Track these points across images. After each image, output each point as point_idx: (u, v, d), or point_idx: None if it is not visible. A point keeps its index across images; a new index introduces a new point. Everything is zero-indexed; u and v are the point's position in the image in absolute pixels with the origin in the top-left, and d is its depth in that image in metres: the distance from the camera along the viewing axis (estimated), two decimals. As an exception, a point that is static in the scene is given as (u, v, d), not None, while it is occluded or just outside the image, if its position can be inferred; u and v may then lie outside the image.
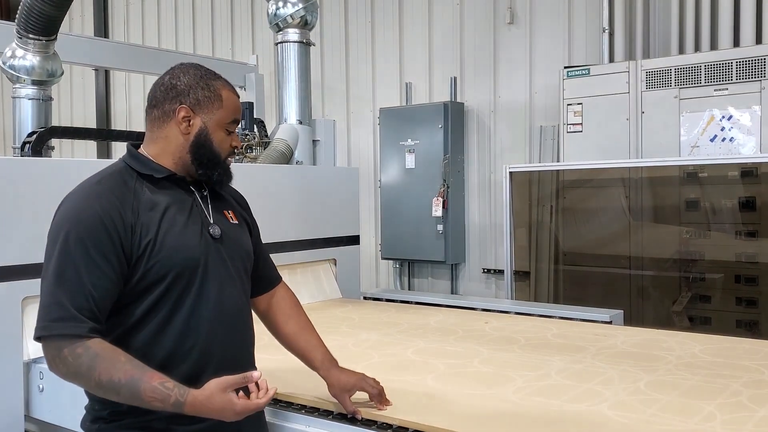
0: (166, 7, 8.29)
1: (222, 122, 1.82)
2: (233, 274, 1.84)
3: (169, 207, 1.76)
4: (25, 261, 2.75)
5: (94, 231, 1.63)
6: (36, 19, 4.00)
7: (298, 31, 4.24)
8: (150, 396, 1.55)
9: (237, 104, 1.87)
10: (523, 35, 5.72)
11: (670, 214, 4.79)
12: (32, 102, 4.37)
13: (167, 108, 1.80)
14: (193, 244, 1.75)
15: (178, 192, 1.81)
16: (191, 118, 1.79)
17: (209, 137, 1.81)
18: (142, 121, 7.09)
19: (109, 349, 1.59)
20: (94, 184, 1.75)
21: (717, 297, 4.60)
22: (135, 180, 1.77)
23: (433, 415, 1.96)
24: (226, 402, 1.56)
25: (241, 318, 1.88)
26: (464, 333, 3.10)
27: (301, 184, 4.01)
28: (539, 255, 5.35)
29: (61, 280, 1.60)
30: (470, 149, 6.02)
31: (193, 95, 1.79)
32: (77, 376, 1.60)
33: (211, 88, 1.81)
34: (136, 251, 1.67)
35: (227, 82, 1.88)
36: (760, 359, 2.54)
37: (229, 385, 1.57)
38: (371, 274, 6.58)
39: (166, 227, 1.72)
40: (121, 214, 1.67)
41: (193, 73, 1.82)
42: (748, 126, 4.42)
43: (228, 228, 1.88)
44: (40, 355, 2.77)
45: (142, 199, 1.73)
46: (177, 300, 1.72)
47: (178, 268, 1.71)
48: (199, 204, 1.84)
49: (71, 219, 1.66)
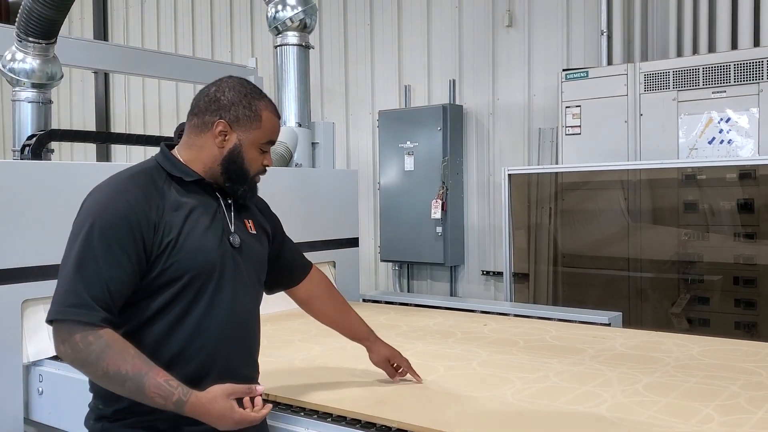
0: (166, 10, 8.30)
1: (257, 142, 1.86)
2: (247, 283, 1.88)
3: (194, 210, 1.79)
4: (25, 264, 2.76)
5: (117, 226, 1.67)
6: (36, 23, 4.00)
7: (297, 34, 4.25)
8: (154, 392, 1.57)
9: (276, 126, 1.90)
10: (521, 38, 5.73)
11: (669, 216, 4.79)
12: (32, 105, 4.38)
13: (207, 119, 1.84)
14: (212, 249, 1.79)
15: (205, 197, 1.85)
16: (228, 134, 1.84)
17: (242, 155, 1.85)
18: (141, 124, 7.11)
19: (119, 341, 1.63)
20: (123, 179, 1.78)
21: (715, 299, 4.60)
22: (164, 180, 1.81)
23: (432, 417, 1.97)
24: (227, 408, 1.58)
25: (251, 326, 1.91)
26: (463, 335, 3.11)
27: (301, 186, 4.01)
28: (538, 257, 5.35)
29: (80, 269, 1.64)
30: (469, 151, 6.03)
31: (233, 112, 1.83)
32: (85, 364, 1.62)
33: (252, 108, 1.85)
34: (157, 249, 1.71)
35: (271, 102, 1.91)
36: (758, 361, 2.55)
37: (234, 392, 1.60)
38: (370, 277, 6.58)
39: (188, 229, 1.76)
40: (146, 211, 1.71)
41: (239, 90, 1.86)
42: (746, 128, 4.43)
43: (246, 238, 1.91)
44: (40, 357, 2.79)
45: (169, 198, 1.77)
46: (191, 301, 1.75)
47: (195, 270, 1.74)
48: (222, 211, 1.88)
49: (97, 212, 1.69)
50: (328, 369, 2.54)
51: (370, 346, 2.29)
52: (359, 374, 2.41)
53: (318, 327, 2.34)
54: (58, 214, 2.84)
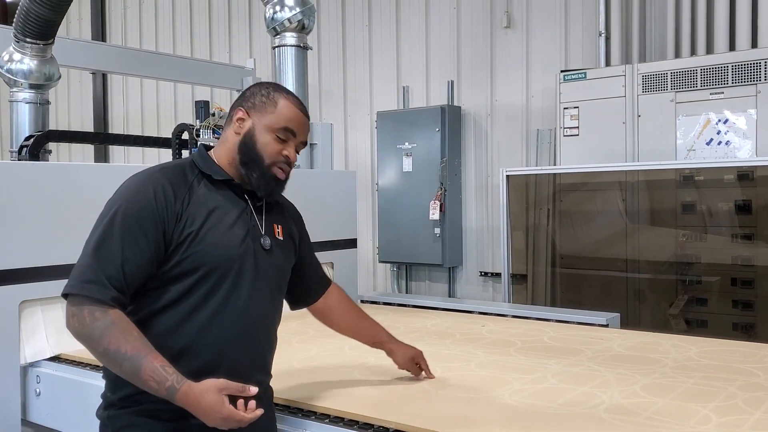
0: (164, 11, 8.29)
1: (271, 126, 1.86)
2: (266, 286, 1.89)
3: (219, 207, 1.83)
4: (23, 265, 2.76)
5: (140, 211, 1.72)
6: (33, 23, 4.00)
7: (295, 35, 4.25)
8: (149, 375, 1.59)
9: (293, 114, 1.89)
10: (519, 39, 5.73)
11: (667, 217, 4.80)
12: (29, 106, 4.38)
13: (232, 113, 1.91)
14: (233, 246, 1.80)
15: (233, 197, 1.88)
16: (244, 120, 1.88)
17: (254, 137, 1.87)
18: (139, 125, 7.11)
19: (124, 321, 1.66)
20: (156, 170, 1.84)
21: (713, 300, 4.60)
22: (195, 175, 1.85)
23: (430, 418, 1.97)
24: (217, 402, 1.58)
25: (265, 329, 1.91)
26: (461, 336, 3.11)
27: (299, 187, 3.97)
28: (536, 258, 5.36)
29: (100, 248, 1.69)
30: (467, 152, 6.03)
31: (251, 99, 1.90)
32: (88, 339, 1.65)
33: (269, 96, 1.89)
34: (177, 238, 1.74)
35: (295, 98, 1.93)
36: (756, 362, 2.55)
37: (226, 388, 1.61)
38: (369, 278, 6.58)
39: (211, 224, 1.79)
40: (171, 200, 1.75)
41: (266, 85, 1.93)
42: (743, 129, 4.44)
43: (273, 243, 1.92)
44: (37, 359, 2.79)
45: (197, 193, 1.82)
46: (206, 295, 1.77)
47: (212, 264, 1.76)
48: (250, 212, 1.89)
49: (125, 197, 1.76)
50: (326, 370, 2.53)
51: (392, 348, 2.33)
52: (357, 375, 2.41)
53: (316, 328, 2.35)
54: (55, 215, 2.84)
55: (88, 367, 2.67)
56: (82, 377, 2.63)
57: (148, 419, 1.74)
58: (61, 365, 2.77)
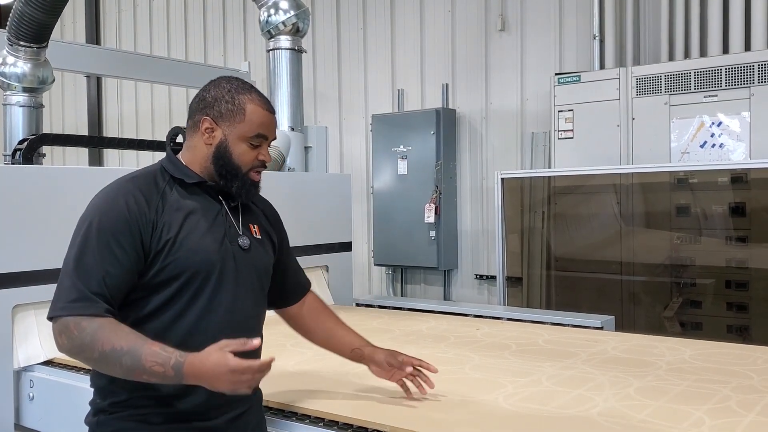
0: (158, 14, 8.28)
1: (244, 135, 1.84)
2: (248, 286, 1.88)
3: (194, 211, 1.81)
4: (16, 269, 2.75)
5: (116, 224, 1.70)
6: (27, 26, 3.99)
7: (290, 38, 4.25)
8: (151, 360, 1.58)
9: (263, 119, 1.87)
10: (514, 42, 5.74)
11: (661, 219, 4.81)
12: (23, 109, 4.36)
13: (196, 119, 1.87)
14: (212, 250, 1.79)
15: (207, 199, 1.86)
16: (213, 130, 1.85)
17: (228, 149, 1.84)
18: (134, 128, 7.09)
19: (112, 322, 1.65)
20: (125, 181, 1.81)
21: (708, 302, 4.61)
22: (166, 182, 1.83)
23: (424, 421, 1.96)
24: (221, 356, 1.56)
25: (251, 329, 1.89)
26: (456, 339, 3.11)
27: (293, 190, 4.01)
28: (531, 261, 5.36)
29: (78, 266, 1.67)
30: (462, 156, 6.03)
31: (216, 107, 1.85)
32: (81, 348, 1.63)
33: (235, 102, 1.84)
34: (155, 246, 1.73)
35: (259, 96, 1.89)
36: (750, 364, 2.55)
37: (227, 345, 1.59)
38: (364, 281, 6.58)
39: (188, 229, 1.77)
40: (145, 210, 1.73)
41: (225, 86, 1.87)
42: (737, 132, 4.45)
43: (251, 241, 1.91)
44: (31, 363, 2.78)
45: (170, 199, 1.79)
46: (189, 300, 1.76)
47: (193, 269, 1.75)
48: (225, 214, 1.88)
49: (97, 211, 1.74)
50: (320, 373, 2.53)
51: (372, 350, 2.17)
52: (351, 379, 2.41)
53: (310, 331, 2.33)
54: (49, 218, 2.83)
55: (81, 372, 2.65)
56: (76, 381, 2.61)
57: (138, 424, 1.73)
58: (54, 369, 2.76)
